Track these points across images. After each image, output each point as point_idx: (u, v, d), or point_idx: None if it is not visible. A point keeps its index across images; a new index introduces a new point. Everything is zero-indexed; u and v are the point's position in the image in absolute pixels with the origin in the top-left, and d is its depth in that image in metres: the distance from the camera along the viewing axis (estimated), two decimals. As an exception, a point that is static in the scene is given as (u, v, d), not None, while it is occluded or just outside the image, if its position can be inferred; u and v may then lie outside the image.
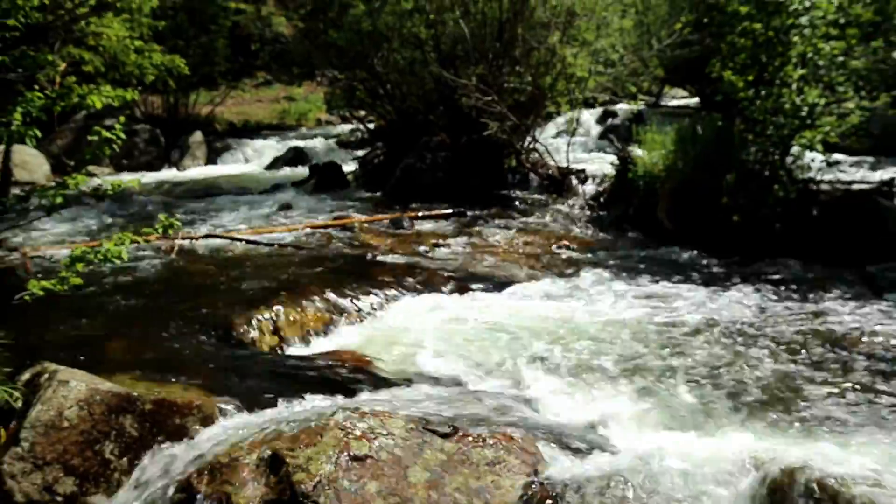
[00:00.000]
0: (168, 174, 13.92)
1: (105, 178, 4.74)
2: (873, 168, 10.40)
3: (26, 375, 3.57)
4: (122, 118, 4.11)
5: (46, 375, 3.45)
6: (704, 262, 7.35)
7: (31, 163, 11.24)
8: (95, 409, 3.24)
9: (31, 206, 4.62)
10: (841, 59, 7.85)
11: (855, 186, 8.55)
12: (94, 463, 3.11)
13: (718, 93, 9.11)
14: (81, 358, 3.95)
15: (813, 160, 8.22)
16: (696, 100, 17.14)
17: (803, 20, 7.69)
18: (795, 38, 7.77)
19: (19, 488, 2.99)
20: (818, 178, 8.22)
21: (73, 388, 3.31)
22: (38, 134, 4.10)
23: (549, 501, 2.98)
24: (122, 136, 3.88)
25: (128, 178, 4.74)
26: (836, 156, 8.74)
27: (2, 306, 4.57)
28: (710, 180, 8.03)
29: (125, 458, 3.15)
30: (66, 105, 4.07)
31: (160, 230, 4.04)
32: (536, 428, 3.53)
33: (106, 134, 3.71)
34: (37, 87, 4.36)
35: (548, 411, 3.91)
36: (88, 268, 4.15)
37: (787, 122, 7.89)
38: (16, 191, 4.98)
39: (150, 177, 13.21)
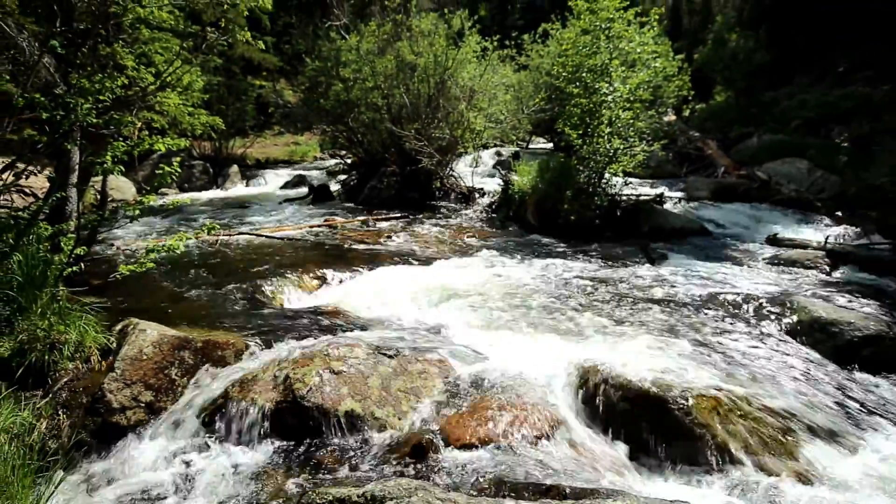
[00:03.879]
0: (215, 193, 13.51)
1: (170, 197, 4.59)
2: (651, 187, 10.81)
3: (118, 327, 3.47)
4: (178, 159, 3.99)
5: (131, 326, 3.36)
6: (554, 244, 7.42)
7: (122, 187, 10.76)
8: (164, 347, 3.18)
9: (120, 217, 4.43)
10: (632, 122, 8.09)
11: (641, 197, 8.87)
12: (164, 381, 3.05)
13: (562, 141, 9.29)
14: (155, 315, 3.83)
15: (617, 182, 8.48)
16: (550, 145, 17.48)
17: (609, 99, 7.87)
18: (605, 109, 7.94)
19: (115, 399, 2.91)
20: (620, 192, 8.48)
21: (148, 334, 3.23)
22: (123, 169, 3.95)
23: (454, 391, 3.05)
24: (179, 169, 3.75)
25: (185, 197, 4.62)
26: (630, 179, 9.05)
27: (103, 282, 4.38)
28: (557, 194, 8.15)
29: (185, 378, 3.11)
30: (141, 149, 3.92)
31: (205, 231, 3.94)
32: (449, 348, 3.57)
33: (168, 169, 3.59)
34: (121, 138, 4.18)
35: (454, 338, 3.92)
36: (159, 256, 4.04)
37: (602, 159, 8.09)
38: (112, 206, 4.79)
39: (202, 195, 12.81)
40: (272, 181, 15.06)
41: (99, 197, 5.03)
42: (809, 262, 6.20)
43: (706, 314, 4.46)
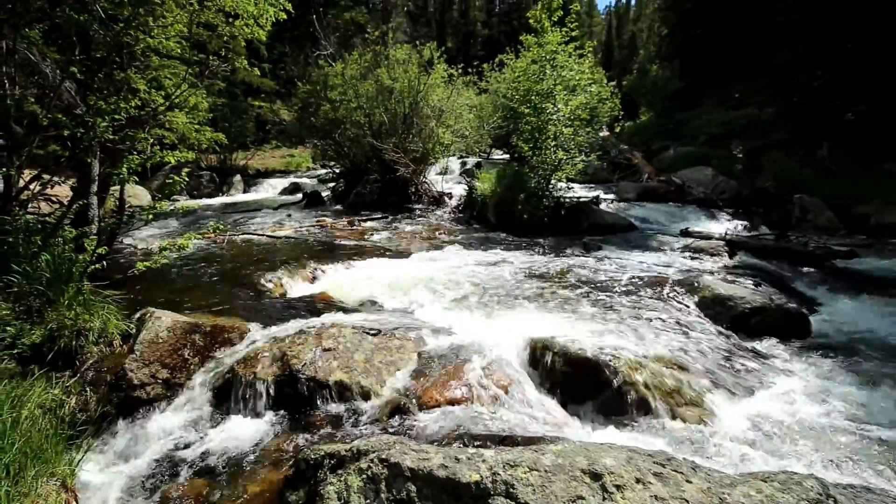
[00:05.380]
0: (220, 199, 13.09)
1: (181, 203, 4.46)
2: (589, 191, 10.99)
3: (136, 315, 3.35)
4: (186, 170, 3.90)
5: (148, 314, 3.25)
6: (511, 239, 7.43)
7: (139, 195, 10.32)
8: (177, 332, 3.09)
9: (136, 221, 4.27)
10: (573, 136, 8.20)
11: (581, 199, 9.00)
12: (179, 361, 2.97)
13: (517, 152, 9.36)
14: (169, 305, 3.72)
15: (561, 187, 8.59)
16: (507, 156, 17.54)
17: (554, 117, 7.97)
18: (550, 126, 8.03)
19: (136, 376, 2.82)
20: (564, 196, 8.59)
21: (164, 321, 3.14)
22: (137, 179, 3.80)
23: (427, 362, 3.06)
24: (187, 179, 3.65)
25: (193, 203, 4.48)
26: (572, 185, 9.18)
27: (123, 277, 4.23)
28: (513, 197, 8.17)
29: (196, 357, 3.03)
30: (153, 162, 3.78)
31: (212, 231, 3.83)
32: (422, 326, 3.56)
33: (177, 178, 3.48)
34: (136, 152, 4.02)
35: (427, 317, 3.92)
36: (171, 254, 3.92)
37: (548, 168, 8.18)
38: (129, 211, 4.61)
39: (210, 201, 12.41)
40: (270, 188, 14.71)
41: (118, 203, 4.83)
42: (713, 249, 6.44)
43: (633, 293, 4.58)
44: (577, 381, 2.86)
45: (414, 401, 2.66)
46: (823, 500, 1.49)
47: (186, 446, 2.51)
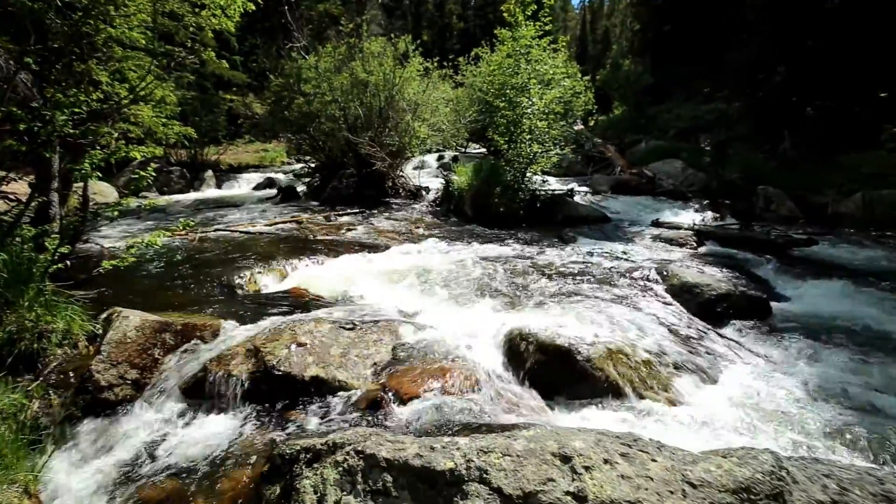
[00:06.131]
0: (192, 195, 12.64)
1: (149, 200, 4.31)
2: (563, 183, 11.12)
3: (104, 315, 3.24)
4: (154, 165, 3.73)
5: (116, 314, 3.15)
6: (487, 231, 7.47)
7: (104, 191, 9.89)
8: (146, 331, 3.00)
9: (102, 218, 4.12)
10: (547, 130, 8.29)
11: (556, 192, 9.11)
12: (148, 360, 2.89)
13: (493, 146, 9.40)
14: (139, 305, 3.60)
15: (537, 180, 8.68)
16: (484, 150, 17.59)
17: (529, 111, 8.03)
18: (525, 120, 8.09)
19: (103, 378, 2.73)
20: (539, 188, 8.69)
21: (132, 320, 3.04)
22: (101, 175, 3.66)
23: (403, 354, 3.07)
24: (155, 174, 3.52)
25: (161, 199, 4.35)
26: (547, 178, 9.29)
27: (89, 277, 4.08)
28: (489, 190, 8.21)
29: (167, 356, 2.96)
30: (118, 157, 3.64)
31: (182, 227, 3.73)
32: (399, 319, 3.56)
33: (143, 174, 3.36)
34: (99, 147, 3.87)
35: (404, 310, 3.90)
36: (140, 252, 3.79)
37: (524, 161, 8.26)
38: (94, 209, 4.42)
39: (180, 198, 11.97)
40: (244, 184, 14.33)
41: (81, 201, 4.64)
42: (682, 239, 6.63)
43: (606, 282, 4.67)
44: (552, 369, 2.91)
45: (391, 393, 2.66)
46: (777, 471, 1.58)
47: (158, 447, 2.45)
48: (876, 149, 9.40)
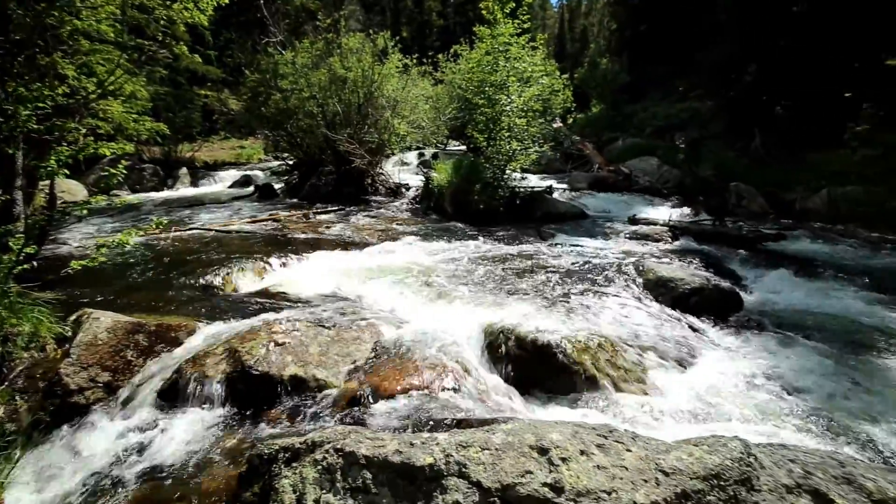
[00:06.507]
0: (166, 194, 12.32)
1: (121, 198, 4.18)
2: (542, 180, 11.24)
3: (73, 317, 3.14)
4: (125, 162, 3.62)
5: (86, 315, 3.06)
6: (467, 228, 7.48)
7: (73, 189, 9.56)
8: (118, 332, 2.92)
9: (70, 217, 3.98)
10: (526, 127, 8.35)
11: (535, 189, 9.20)
12: (121, 362, 2.82)
13: (472, 143, 9.42)
14: (111, 306, 3.52)
15: (516, 177, 8.74)
16: (464, 147, 17.60)
17: (508, 109, 8.07)
18: (504, 117, 8.14)
19: (73, 381, 2.66)
20: (519, 185, 8.75)
21: (103, 321, 2.96)
22: (68, 172, 3.53)
23: (383, 352, 3.06)
24: (125, 172, 3.41)
25: (132, 197, 4.22)
26: (526, 175, 9.36)
27: (58, 278, 3.94)
28: (469, 187, 8.24)
29: (141, 358, 2.89)
30: (85, 154, 3.51)
31: (155, 226, 3.63)
32: (378, 317, 3.55)
33: (112, 171, 3.26)
34: (65, 143, 3.73)
35: (383, 308, 3.90)
36: (111, 251, 3.68)
37: (503, 158, 8.30)
38: (62, 207, 4.27)
39: (154, 196, 11.66)
40: (220, 181, 14.04)
41: (48, 199, 4.47)
42: (658, 235, 6.78)
43: (584, 278, 4.74)
44: (531, 364, 2.95)
45: (371, 391, 2.65)
46: (745, 457, 1.63)
47: (132, 450, 2.39)
48: (840, 147, 9.77)
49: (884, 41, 9.41)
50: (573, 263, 5.25)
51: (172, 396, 2.65)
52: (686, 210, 8.93)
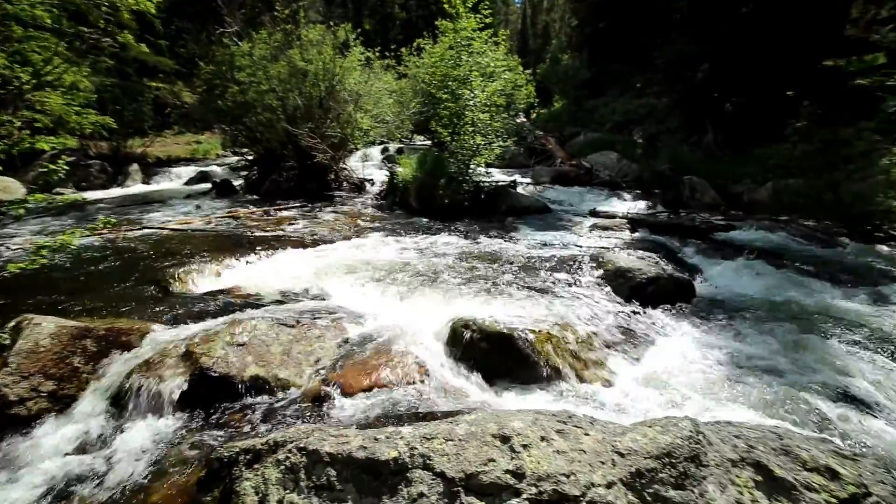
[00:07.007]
0: (116, 191, 11.64)
1: (64, 196, 3.89)
2: (507, 175, 11.37)
3: (12, 324, 2.93)
4: (66, 158, 3.39)
5: (26, 322, 2.86)
6: (432, 223, 7.48)
7: (11, 187, 8.89)
8: (63, 338, 2.75)
9: (5, 217, 3.71)
10: (489, 122, 8.41)
11: (499, 183, 9.30)
12: (67, 370, 2.66)
13: (437, 138, 9.41)
14: (56, 310, 3.31)
15: (481, 171, 8.80)
16: (429, 142, 17.55)
17: (471, 104, 8.10)
18: (468, 112, 8.16)
19: (12, 392, 2.49)
20: (483, 180, 8.82)
21: (45, 327, 2.78)
22: (2, 168, 3.28)
23: (348, 349, 3.03)
24: (66, 168, 3.20)
25: (76, 195, 3.95)
26: (491, 169, 9.45)
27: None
28: (434, 182, 8.22)
29: (89, 365, 2.73)
30: (20, 149, 3.27)
31: (102, 225, 3.43)
32: (343, 314, 3.51)
33: (52, 167, 3.05)
34: (-3, 137, 3.46)
35: (348, 305, 3.82)
36: (53, 253, 3.44)
37: (467, 153, 8.34)
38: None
39: (102, 194, 10.97)
40: (175, 178, 13.39)
41: (-21, 197, 4.15)
42: (617, 227, 7.01)
43: (546, 270, 4.85)
44: (495, 355, 2.99)
45: (336, 389, 2.63)
46: (694, 435, 1.73)
47: (81, 463, 2.27)
48: (783, 142, 10.37)
49: (821, 44, 10.04)
50: (536, 256, 5.35)
51: (125, 403, 2.53)
52: (644, 203, 9.26)
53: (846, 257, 5.86)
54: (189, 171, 14.00)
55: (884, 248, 6.12)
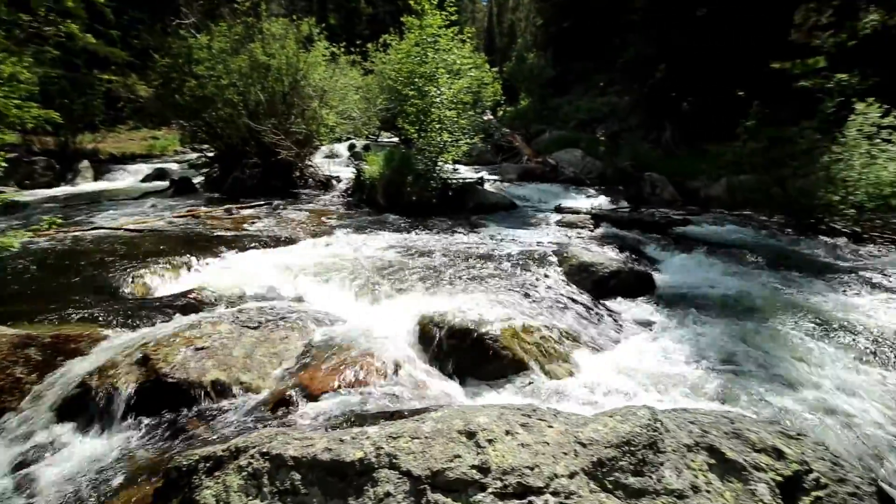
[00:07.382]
0: (63, 190, 10.96)
1: (6, 195, 3.58)
2: (474, 172, 11.44)
3: (-56, 333, 2.72)
4: (3, 153, 3.16)
5: (-41, 332, 2.66)
6: (400, 220, 7.44)
7: (-57, 185, 8.30)
8: (3, 348, 2.57)
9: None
10: (456, 119, 8.42)
11: (467, 180, 9.33)
12: (7, 381, 2.48)
13: (404, 135, 9.34)
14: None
15: (448, 168, 8.80)
16: (396, 139, 17.43)
17: (437, 101, 8.09)
18: (434, 109, 8.14)
19: (-55, 408, 2.31)
20: (451, 177, 8.82)
21: (-18, 337, 2.59)
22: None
23: (313, 351, 2.97)
24: (5, 164, 2.99)
25: (20, 194, 3.69)
26: (458, 166, 9.47)
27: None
28: (401, 179, 8.18)
29: (33, 375, 2.56)
30: (-50, 146, 3.04)
31: (47, 226, 3.22)
32: (308, 315, 3.41)
33: (-13, 165, 2.84)
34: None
35: (314, 305, 3.76)
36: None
37: (434, 150, 8.32)
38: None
39: (49, 192, 10.32)
40: (130, 176, 12.74)
41: None
42: (581, 223, 7.17)
43: (513, 265, 4.91)
44: (463, 351, 3.01)
45: (301, 391, 2.57)
46: (652, 423, 1.79)
47: (25, 481, 2.13)
48: (736, 140, 10.89)
49: (769, 47, 10.57)
50: (503, 252, 5.41)
51: (74, 413, 2.39)
52: (607, 199, 9.52)
53: (793, 249, 6.22)
54: (145, 168, 13.37)
55: (826, 240, 6.53)
